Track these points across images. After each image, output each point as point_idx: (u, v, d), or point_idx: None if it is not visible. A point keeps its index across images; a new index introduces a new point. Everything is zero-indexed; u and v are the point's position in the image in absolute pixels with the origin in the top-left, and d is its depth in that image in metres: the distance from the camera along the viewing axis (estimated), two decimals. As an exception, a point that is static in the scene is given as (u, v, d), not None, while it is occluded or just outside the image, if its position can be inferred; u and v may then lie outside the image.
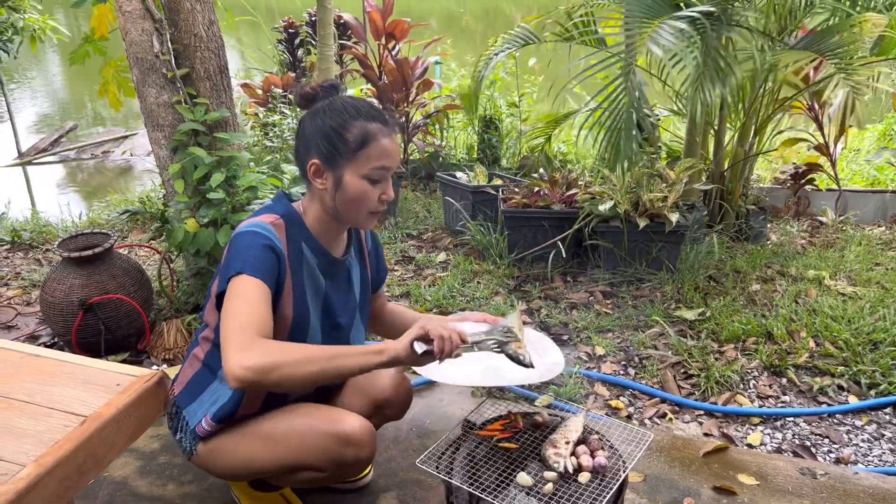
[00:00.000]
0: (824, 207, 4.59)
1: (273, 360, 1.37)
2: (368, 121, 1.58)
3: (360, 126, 1.57)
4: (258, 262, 1.51)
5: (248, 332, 1.40)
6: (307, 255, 1.66)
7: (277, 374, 1.37)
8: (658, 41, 3.03)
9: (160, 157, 3.00)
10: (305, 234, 1.67)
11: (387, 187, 1.62)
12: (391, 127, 1.61)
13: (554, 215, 3.71)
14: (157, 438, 2.33)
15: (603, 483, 1.54)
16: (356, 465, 1.66)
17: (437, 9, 18.95)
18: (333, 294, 1.74)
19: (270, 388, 1.42)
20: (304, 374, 1.40)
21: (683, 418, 2.57)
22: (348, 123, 1.57)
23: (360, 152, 1.57)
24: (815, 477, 2.17)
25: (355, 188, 1.58)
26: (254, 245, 1.54)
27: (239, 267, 1.50)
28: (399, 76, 5.08)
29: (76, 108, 10.14)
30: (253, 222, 1.60)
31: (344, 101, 1.62)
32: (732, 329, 3.05)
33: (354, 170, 1.58)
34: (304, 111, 1.67)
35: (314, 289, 1.69)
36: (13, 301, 3.51)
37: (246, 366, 1.35)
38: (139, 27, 2.78)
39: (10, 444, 1.19)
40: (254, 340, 1.39)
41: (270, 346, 1.41)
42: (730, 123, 4.18)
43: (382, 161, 1.58)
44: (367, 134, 1.57)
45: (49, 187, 6.67)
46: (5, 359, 1.45)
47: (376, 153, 1.57)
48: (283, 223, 1.63)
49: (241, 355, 1.36)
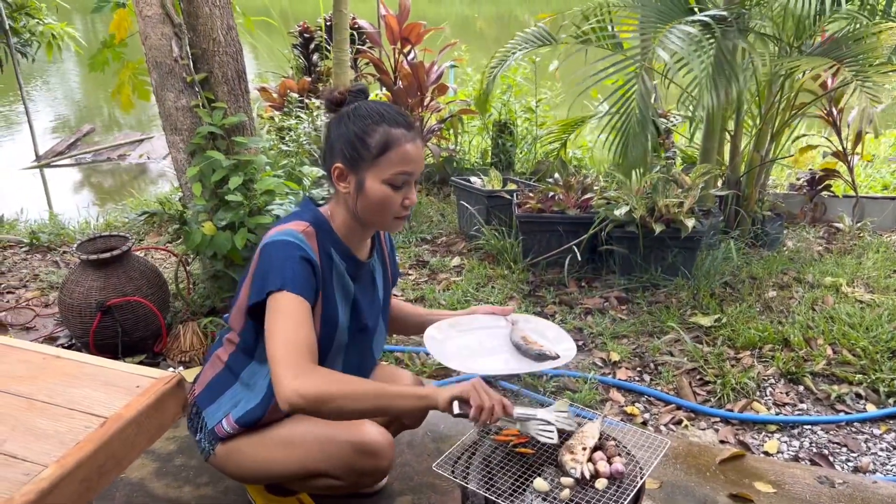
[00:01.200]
0: (841, 214, 4.55)
1: (328, 392, 1.41)
2: (392, 126, 1.58)
3: (382, 131, 1.57)
4: (297, 277, 1.52)
5: (302, 356, 1.44)
6: (336, 261, 1.67)
7: (330, 407, 1.41)
8: (666, 45, 3.03)
9: (178, 161, 3.02)
10: (334, 240, 1.67)
11: (409, 192, 1.62)
12: (415, 132, 1.61)
13: (569, 220, 3.70)
14: (173, 440, 2.35)
15: (620, 490, 1.53)
16: (374, 475, 1.66)
17: (452, 13, 18.99)
18: (361, 297, 1.74)
19: (318, 416, 1.46)
20: (353, 410, 1.45)
21: (699, 425, 2.55)
22: (371, 128, 1.57)
23: (381, 157, 1.57)
24: (833, 486, 2.15)
25: (377, 193, 1.58)
26: (291, 257, 1.54)
27: (279, 283, 1.51)
28: (414, 81, 5.10)
29: (93, 111, 10.22)
30: (284, 230, 1.60)
31: (369, 105, 1.62)
32: (749, 336, 3.03)
33: (376, 174, 1.58)
34: (331, 116, 1.68)
35: (343, 293, 1.69)
36: (32, 303, 3.54)
37: (302, 394, 1.38)
38: (159, 31, 2.81)
39: (33, 444, 1.20)
40: (308, 367, 1.43)
41: (325, 376, 1.44)
42: (746, 129, 4.15)
43: (404, 167, 1.58)
44: (389, 139, 1.57)
45: (66, 190, 6.73)
46: (28, 360, 1.46)
47: (398, 158, 1.57)
48: (314, 230, 1.64)
49: (297, 382, 1.39)
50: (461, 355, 1.79)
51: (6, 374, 1.41)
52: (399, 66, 5.35)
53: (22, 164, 7.18)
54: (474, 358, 1.77)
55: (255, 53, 9.83)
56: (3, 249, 4.34)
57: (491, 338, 1.88)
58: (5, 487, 1.09)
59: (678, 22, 3.13)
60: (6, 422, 1.27)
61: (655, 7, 3.32)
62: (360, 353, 1.79)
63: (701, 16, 3.19)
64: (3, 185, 6.76)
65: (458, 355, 1.79)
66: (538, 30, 4.20)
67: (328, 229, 1.67)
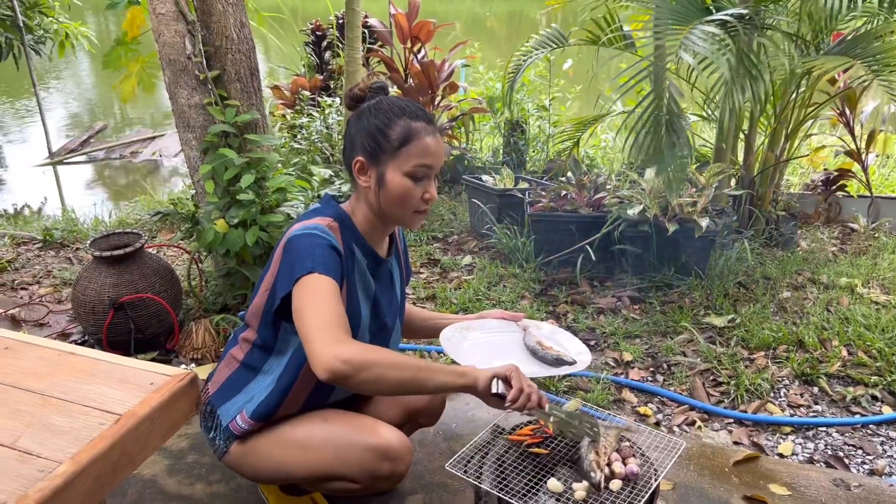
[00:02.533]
0: (856, 214, 4.51)
1: (371, 358, 1.39)
2: (412, 119, 1.58)
3: (403, 123, 1.58)
4: (327, 261, 1.52)
5: (339, 327, 1.42)
6: (358, 257, 1.67)
7: (371, 373, 1.38)
8: (689, 47, 3.00)
9: (191, 158, 3.02)
10: (356, 236, 1.67)
11: (429, 186, 1.62)
12: (435, 126, 1.62)
13: (581, 219, 3.68)
14: (185, 437, 2.35)
15: (634, 491, 1.52)
16: (391, 480, 1.65)
17: (462, 11, 18.97)
18: (381, 295, 1.74)
19: (356, 386, 1.40)
20: (394, 379, 1.41)
21: (713, 426, 2.53)
22: (392, 121, 1.58)
23: (402, 149, 1.57)
24: (848, 488, 2.13)
25: (398, 185, 1.58)
26: (318, 245, 1.54)
27: (310, 266, 1.50)
28: (425, 79, 5.09)
29: (106, 108, 10.28)
30: (308, 224, 1.60)
31: (389, 100, 1.63)
32: (763, 336, 3.01)
33: (397, 167, 1.58)
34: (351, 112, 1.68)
35: (365, 290, 1.69)
36: (45, 299, 3.56)
37: (344, 358, 1.36)
38: (172, 29, 2.81)
39: (48, 440, 1.20)
40: (348, 336, 1.41)
41: (364, 345, 1.43)
42: (760, 128, 4.13)
43: (424, 159, 1.58)
44: (410, 131, 1.57)
45: (79, 187, 6.77)
46: (43, 356, 1.46)
47: (418, 150, 1.58)
48: (338, 225, 1.64)
49: (339, 348, 1.37)
50: (478, 357, 1.79)
51: (22, 370, 1.41)
52: (410, 65, 5.34)
53: (35, 160, 7.22)
54: (492, 361, 1.76)
55: (266, 52, 9.85)
56: (17, 246, 4.37)
57: (505, 342, 1.89)
58: (20, 484, 1.09)
59: (698, 22, 3.10)
60: (21, 418, 1.27)
61: (670, 7, 3.30)
62: None
63: (721, 14, 3.16)
64: (17, 182, 6.81)
65: (475, 357, 1.78)
66: (552, 31, 4.20)
67: (350, 225, 1.67)
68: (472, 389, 1.50)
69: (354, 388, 1.44)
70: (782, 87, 3.85)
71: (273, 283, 1.61)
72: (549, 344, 1.86)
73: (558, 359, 1.78)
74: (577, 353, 1.84)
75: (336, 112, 5.24)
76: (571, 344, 1.91)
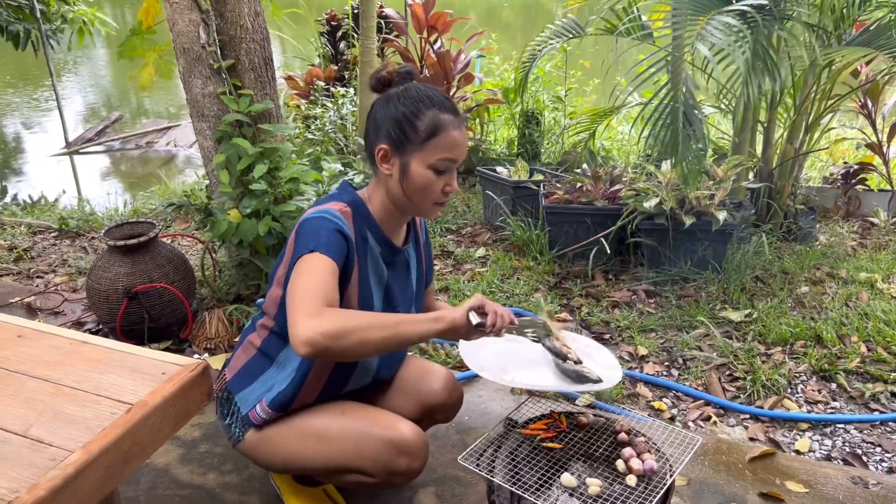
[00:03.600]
0: (876, 208, 4.45)
1: (345, 325, 1.36)
2: (441, 111, 1.56)
3: (432, 115, 1.55)
4: (330, 243, 1.51)
5: (317, 300, 1.40)
6: (371, 244, 1.65)
7: (349, 340, 1.36)
8: (706, 38, 2.96)
9: (205, 148, 3.02)
10: (371, 223, 1.66)
11: (451, 179, 1.61)
12: (461, 119, 1.60)
13: (597, 212, 3.65)
14: (198, 427, 2.35)
15: (650, 487, 1.50)
16: (407, 475, 1.64)
17: (479, 2, 18.88)
18: (394, 283, 1.73)
19: (339, 355, 1.40)
20: (376, 340, 1.40)
21: (728, 422, 2.50)
22: (421, 111, 1.56)
23: (429, 141, 1.55)
24: (867, 486, 2.10)
25: (421, 177, 1.57)
26: (324, 227, 1.53)
27: (312, 245, 1.49)
28: (440, 70, 5.06)
29: (122, 99, 10.32)
30: (321, 209, 1.59)
31: (418, 88, 1.60)
32: (780, 331, 2.97)
33: (422, 158, 1.56)
34: (377, 96, 1.66)
35: (377, 277, 1.68)
36: (60, 287, 3.58)
37: (319, 331, 1.34)
38: (186, 18, 2.80)
39: (60, 429, 1.20)
40: (324, 308, 1.39)
41: (340, 312, 1.41)
42: (780, 120, 4.07)
43: (450, 153, 1.57)
44: (438, 123, 1.55)
45: (95, 176, 6.81)
46: (56, 345, 1.46)
47: (445, 144, 1.56)
48: (351, 211, 1.62)
49: (314, 321, 1.35)
50: (496, 364, 1.74)
51: (35, 358, 1.42)
52: (425, 55, 5.31)
53: (52, 150, 7.27)
54: (509, 370, 1.73)
55: (282, 42, 9.84)
56: (34, 235, 4.40)
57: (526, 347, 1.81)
58: (32, 472, 1.09)
59: (716, 12, 3.05)
60: (34, 406, 1.27)
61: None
62: None
63: (740, 5, 3.11)
64: (34, 172, 6.85)
65: (493, 365, 1.74)
66: (568, 21, 4.16)
67: (365, 212, 1.65)
68: (452, 330, 1.48)
69: (339, 357, 1.44)
70: (802, 79, 3.80)
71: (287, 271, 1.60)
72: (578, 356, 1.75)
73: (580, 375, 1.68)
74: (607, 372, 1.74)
75: (351, 103, 5.23)
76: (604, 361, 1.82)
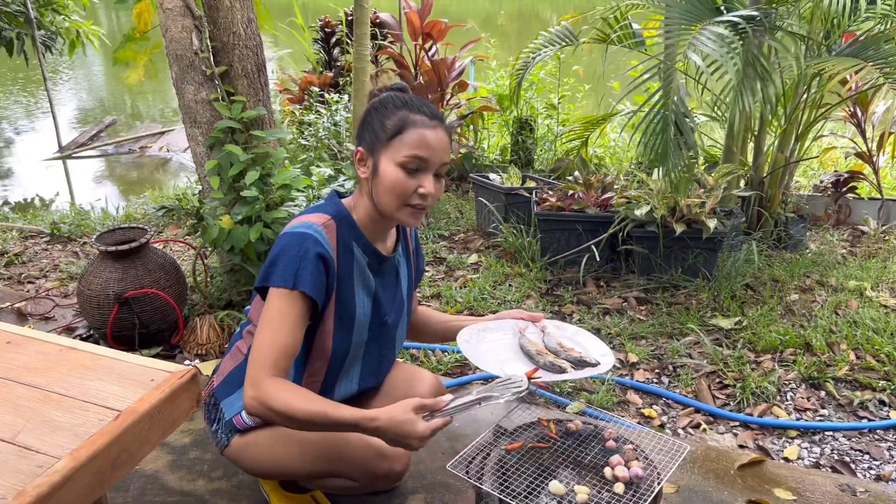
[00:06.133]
0: (866, 216, 4.47)
1: (282, 409, 1.44)
2: (412, 111, 1.57)
3: (400, 114, 1.56)
4: (305, 273, 1.51)
5: (266, 369, 1.48)
6: (357, 255, 1.65)
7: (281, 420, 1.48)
8: (698, 48, 2.98)
9: (197, 154, 3.02)
10: (356, 233, 1.65)
11: (424, 180, 1.57)
12: (438, 121, 1.59)
13: (588, 219, 3.67)
14: (188, 433, 2.35)
15: (637, 494, 1.51)
16: (388, 479, 1.65)
17: (473, 9, 18.95)
18: (382, 292, 1.72)
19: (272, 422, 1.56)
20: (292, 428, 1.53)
21: (718, 429, 2.51)
22: (391, 112, 1.57)
23: (395, 138, 1.55)
24: (854, 494, 2.11)
25: (389, 175, 1.55)
26: (304, 256, 1.53)
27: (287, 279, 1.51)
28: (435, 77, 5.08)
29: (116, 103, 10.31)
30: (304, 222, 1.59)
31: (395, 95, 1.62)
32: (770, 339, 2.98)
33: (390, 156, 1.56)
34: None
35: (365, 288, 1.68)
36: (51, 293, 3.57)
37: (249, 406, 1.48)
38: (179, 24, 2.81)
39: (47, 436, 1.20)
40: (263, 382, 1.46)
41: (283, 390, 1.46)
42: (770, 129, 4.09)
43: (418, 150, 1.55)
44: (405, 121, 1.56)
45: (87, 181, 6.79)
46: (44, 351, 1.46)
47: (411, 140, 1.55)
48: (334, 224, 1.62)
49: (258, 391, 1.46)
50: (498, 359, 1.75)
51: (23, 364, 1.41)
52: (420, 62, 5.33)
53: (45, 154, 7.25)
54: (511, 363, 1.73)
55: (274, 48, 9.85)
56: (25, 239, 4.39)
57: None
58: (19, 479, 1.09)
59: (707, 23, 3.08)
60: (22, 413, 1.27)
61: (681, 7, 3.27)
62: (379, 348, 1.78)
63: (731, 16, 3.13)
64: (27, 176, 6.84)
65: (495, 359, 1.74)
66: (562, 29, 4.18)
67: (350, 222, 1.65)
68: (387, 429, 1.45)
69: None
70: (793, 88, 3.82)
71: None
72: (570, 345, 1.80)
73: (580, 360, 1.71)
74: (600, 356, 1.77)
75: (344, 109, 5.23)
76: (594, 345, 1.84)
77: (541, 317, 1.92)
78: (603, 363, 1.73)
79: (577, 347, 1.80)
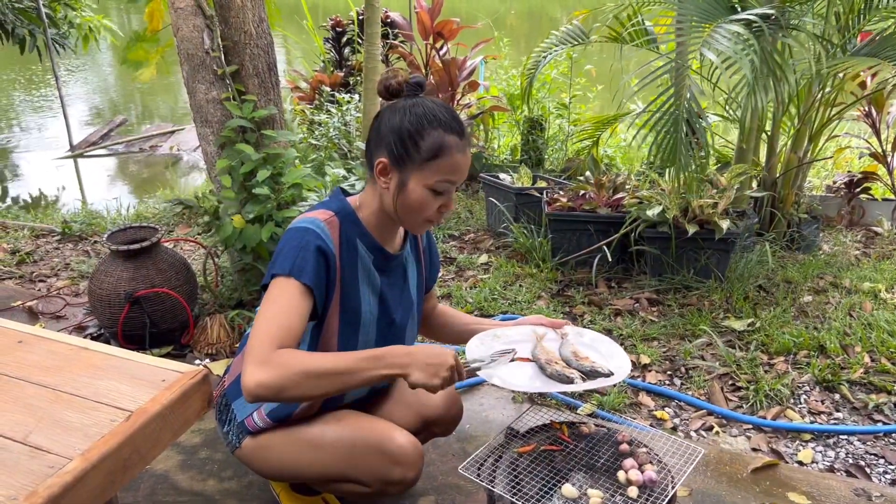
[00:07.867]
0: (880, 217, 4.43)
1: (290, 378, 1.37)
2: (447, 132, 1.52)
3: (437, 136, 1.51)
4: (304, 263, 1.50)
5: (270, 344, 1.41)
6: (361, 252, 1.63)
7: (293, 393, 1.39)
8: (713, 45, 2.95)
9: (208, 153, 3.02)
10: (360, 231, 1.63)
11: (448, 200, 1.57)
12: (467, 141, 1.56)
13: (600, 219, 3.65)
14: (198, 433, 2.35)
15: (651, 498, 1.49)
16: (401, 485, 1.63)
17: (483, 8, 18.90)
18: (388, 290, 1.70)
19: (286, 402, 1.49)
20: (320, 391, 1.42)
21: (731, 432, 2.49)
22: (426, 130, 1.51)
23: (431, 162, 1.51)
24: (870, 498, 2.09)
25: (417, 197, 1.53)
26: (304, 246, 1.51)
27: (285, 267, 1.49)
28: (446, 77, 5.07)
29: (127, 102, 10.35)
30: (307, 218, 1.58)
31: (426, 105, 1.55)
32: (783, 341, 2.96)
33: (421, 178, 1.52)
34: (383, 102, 1.62)
35: (370, 285, 1.66)
36: (62, 292, 3.58)
37: (264, 384, 1.36)
38: (190, 23, 2.81)
39: (58, 436, 1.19)
40: (272, 356, 1.39)
41: (287, 361, 1.40)
42: (784, 129, 4.06)
43: (451, 175, 1.53)
44: (442, 145, 1.51)
45: (98, 180, 6.82)
46: (56, 351, 1.46)
47: (446, 167, 1.52)
48: (338, 221, 1.60)
49: (258, 372, 1.37)
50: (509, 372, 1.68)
51: (34, 364, 1.41)
52: (431, 62, 5.32)
53: (57, 153, 7.29)
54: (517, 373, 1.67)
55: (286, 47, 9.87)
56: (37, 238, 4.40)
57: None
58: (30, 479, 1.09)
59: (722, 21, 3.05)
60: (33, 413, 1.26)
61: (696, 5, 3.24)
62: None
63: (746, 14, 3.11)
64: (39, 175, 6.87)
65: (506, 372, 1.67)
66: (573, 28, 4.16)
67: (354, 220, 1.63)
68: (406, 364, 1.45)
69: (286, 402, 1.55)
70: (807, 88, 3.79)
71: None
72: (586, 353, 1.74)
73: (592, 370, 1.65)
74: (616, 367, 1.71)
75: (355, 109, 5.23)
76: (613, 353, 1.78)
77: (562, 323, 1.87)
78: (616, 374, 1.67)
79: (593, 355, 1.74)
